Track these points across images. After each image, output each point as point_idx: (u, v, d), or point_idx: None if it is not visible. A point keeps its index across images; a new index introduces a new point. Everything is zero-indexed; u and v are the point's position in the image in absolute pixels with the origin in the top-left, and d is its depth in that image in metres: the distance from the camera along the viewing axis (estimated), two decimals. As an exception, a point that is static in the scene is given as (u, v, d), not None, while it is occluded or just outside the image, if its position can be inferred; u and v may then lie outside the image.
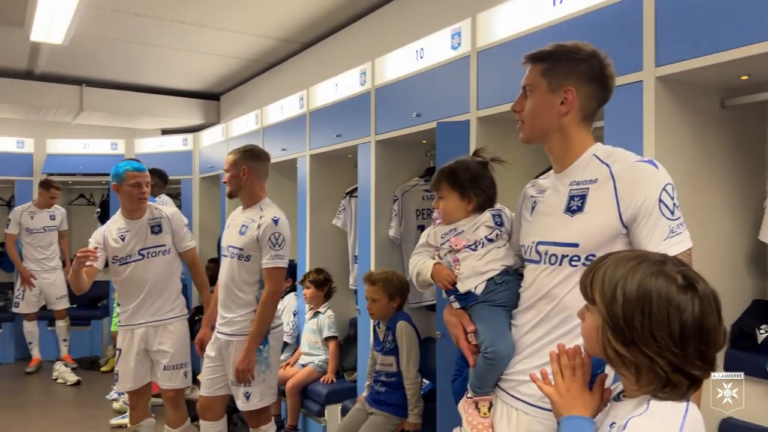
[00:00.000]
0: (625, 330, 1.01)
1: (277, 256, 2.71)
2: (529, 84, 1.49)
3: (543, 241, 1.47)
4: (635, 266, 1.03)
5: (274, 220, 2.74)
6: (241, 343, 2.73)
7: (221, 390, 2.87)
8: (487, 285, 1.60)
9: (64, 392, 5.09)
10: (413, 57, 2.98)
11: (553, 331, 1.44)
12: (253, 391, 2.74)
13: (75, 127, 6.43)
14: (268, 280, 2.72)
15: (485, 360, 1.53)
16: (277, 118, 4.42)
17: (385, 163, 3.31)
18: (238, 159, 2.84)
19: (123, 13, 3.88)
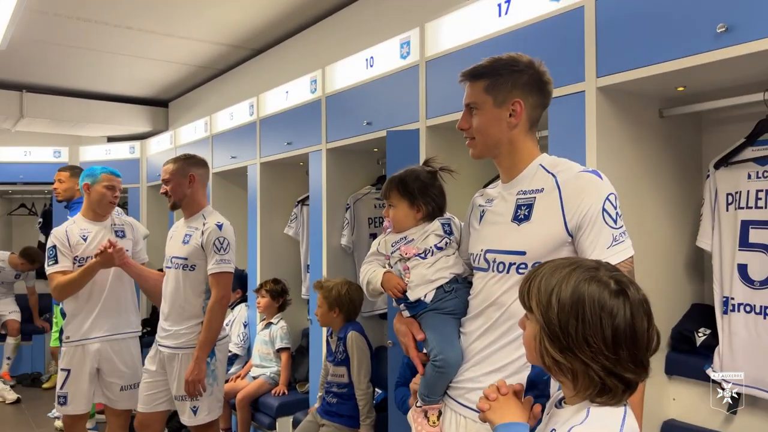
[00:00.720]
0: (561, 336, 1.02)
1: (222, 261, 2.64)
2: (473, 102, 1.49)
3: (491, 249, 1.49)
4: (569, 273, 1.04)
5: (218, 225, 2.68)
6: (187, 355, 2.65)
7: (161, 405, 2.77)
8: (437, 293, 1.60)
9: (2, 411, 4.86)
10: (363, 65, 2.98)
11: (501, 338, 1.46)
12: (200, 405, 2.66)
13: (15, 134, 6.18)
14: (215, 286, 2.64)
15: (434, 368, 1.53)
16: (227, 125, 4.35)
17: (336, 171, 3.30)
18: (183, 166, 2.75)
19: (66, 17, 3.75)
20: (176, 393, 2.68)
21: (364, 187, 3.37)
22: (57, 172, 4.25)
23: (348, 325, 2.88)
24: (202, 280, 2.69)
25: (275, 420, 3.34)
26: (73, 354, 2.86)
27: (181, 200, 2.76)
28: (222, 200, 4.52)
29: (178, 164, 2.76)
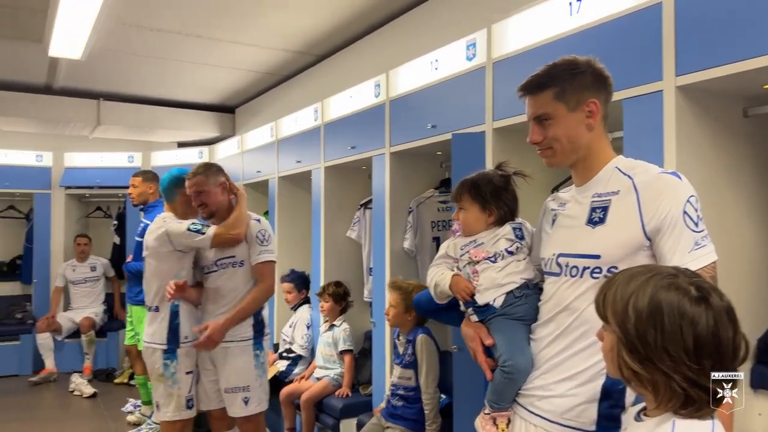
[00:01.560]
0: (639, 347, 0.99)
1: (266, 251, 2.77)
2: (544, 113, 1.46)
3: (564, 253, 1.46)
4: (646, 280, 1.01)
5: (256, 219, 2.82)
6: (239, 348, 2.76)
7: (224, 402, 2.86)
8: (507, 298, 1.59)
9: (80, 404, 5.11)
10: (428, 68, 2.97)
11: (573, 345, 1.43)
12: (251, 396, 2.75)
13: (92, 140, 6.51)
14: (261, 275, 2.76)
15: (503, 374, 1.51)
16: (292, 130, 4.42)
17: (399, 174, 3.30)
18: (212, 175, 2.82)
19: (141, 27, 3.92)
20: (227, 386, 2.77)
21: (427, 190, 3.36)
22: (131, 177, 4.45)
23: (418, 328, 2.88)
24: (248, 275, 2.81)
25: (339, 421, 3.36)
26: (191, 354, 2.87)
27: (217, 208, 2.83)
28: (287, 204, 4.61)
29: (207, 175, 2.82)
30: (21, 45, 4.20)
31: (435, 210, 3.33)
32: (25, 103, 5.39)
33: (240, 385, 2.75)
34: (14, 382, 5.66)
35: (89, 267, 6.10)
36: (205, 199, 2.79)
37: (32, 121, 5.62)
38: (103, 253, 6.50)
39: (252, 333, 2.80)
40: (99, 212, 6.87)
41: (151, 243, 2.83)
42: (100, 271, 6.14)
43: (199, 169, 2.82)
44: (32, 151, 6.29)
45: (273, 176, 4.67)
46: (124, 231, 6.49)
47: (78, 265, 6.08)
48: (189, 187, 2.80)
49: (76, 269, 6.06)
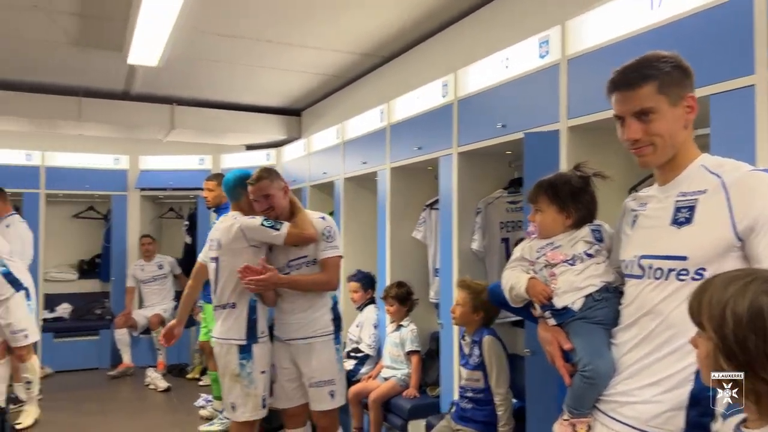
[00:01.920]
0: (738, 354, 0.94)
1: (331, 247, 2.85)
2: (649, 107, 1.38)
3: (647, 255, 1.42)
4: (745, 285, 0.96)
5: (321, 217, 2.89)
6: (321, 342, 2.84)
7: (301, 399, 2.93)
8: (586, 301, 1.55)
9: (154, 398, 5.32)
10: (498, 67, 2.93)
11: (657, 350, 1.38)
12: (336, 389, 2.84)
13: (166, 144, 6.77)
14: (326, 269, 2.83)
15: (583, 379, 1.48)
16: (358, 131, 4.46)
17: (467, 174, 3.27)
18: (275, 180, 2.88)
19: (213, 34, 4.05)
20: (313, 380, 2.82)
21: (496, 190, 3.32)
22: (205, 181, 4.59)
23: (483, 329, 2.85)
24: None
25: (407, 422, 3.36)
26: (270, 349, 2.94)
27: (282, 211, 2.89)
28: (352, 204, 4.65)
29: (271, 179, 2.87)
30: (102, 53, 4.41)
31: (504, 211, 3.28)
32: (104, 109, 5.67)
33: (326, 379, 2.82)
34: (94, 375, 5.96)
35: (156, 266, 6.33)
36: (271, 202, 2.85)
37: (111, 126, 5.90)
38: (175, 253, 6.76)
39: (332, 328, 2.88)
40: (171, 213, 7.14)
41: (224, 240, 2.89)
42: (167, 269, 6.36)
43: (263, 174, 2.88)
44: (110, 155, 6.61)
45: (339, 177, 4.72)
46: (195, 231, 6.74)
47: (145, 265, 6.33)
48: (253, 191, 2.85)
49: (144, 268, 6.31)
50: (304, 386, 2.90)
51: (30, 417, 4.44)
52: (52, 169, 6.31)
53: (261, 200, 2.84)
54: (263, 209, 2.85)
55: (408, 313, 3.73)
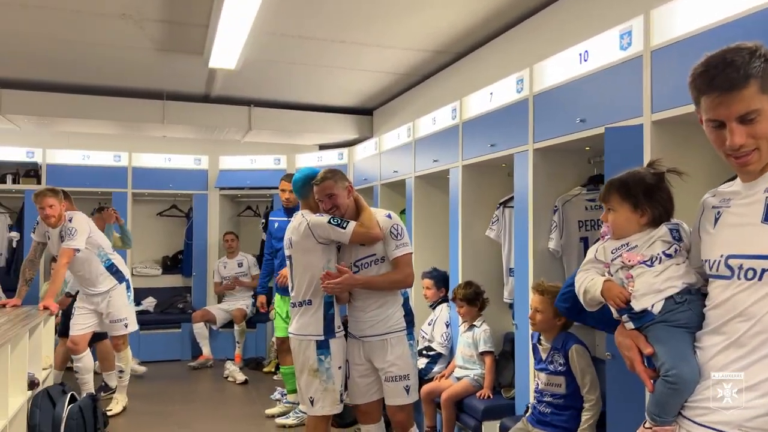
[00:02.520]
0: None
1: (402, 245, 2.88)
2: (754, 109, 1.27)
3: (736, 254, 1.33)
4: None
5: (387, 216, 2.91)
6: (395, 338, 2.86)
7: (375, 395, 2.96)
8: (666, 304, 1.47)
9: (233, 389, 5.51)
10: (576, 60, 2.84)
11: (751, 354, 1.30)
12: (411, 384, 2.85)
13: (243, 144, 6.99)
14: (400, 267, 2.87)
15: (666, 384, 1.41)
16: (429, 130, 4.44)
17: (543, 171, 3.19)
18: (339, 180, 2.92)
19: (289, 36, 4.13)
20: (389, 375, 2.84)
21: (574, 188, 3.22)
22: (281, 181, 4.71)
23: (566, 336, 2.77)
24: (390, 268, 2.90)
25: (481, 423, 3.32)
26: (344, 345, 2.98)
27: (347, 210, 2.93)
28: (423, 203, 4.64)
29: (336, 180, 2.92)
30: (184, 58, 4.60)
31: (582, 209, 3.17)
32: (186, 111, 5.92)
33: (401, 374, 2.85)
34: (176, 367, 6.24)
35: (237, 263, 6.57)
36: (335, 201, 2.89)
37: (192, 127, 6.15)
38: (252, 250, 6.97)
39: (405, 324, 2.90)
40: (248, 211, 7.37)
41: (295, 238, 2.95)
42: (247, 267, 6.58)
43: (328, 174, 2.93)
44: (191, 155, 6.90)
45: (410, 176, 4.72)
46: (270, 229, 6.94)
47: (228, 262, 6.59)
48: (318, 192, 2.90)
49: (227, 265, 6.57)
50: (377, 383, 2.93)
51: (119, 405, 4.70)
52: (138, 169, 6.66)
53: (325, 200, 2.90)
54: (327, 209, 2.90)
55: (480, 313, 3.69)
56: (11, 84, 5.32)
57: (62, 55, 4.60)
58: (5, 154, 6.29)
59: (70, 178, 6.33)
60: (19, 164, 6.38)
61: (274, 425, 4.47)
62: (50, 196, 4.19)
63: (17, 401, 3.22)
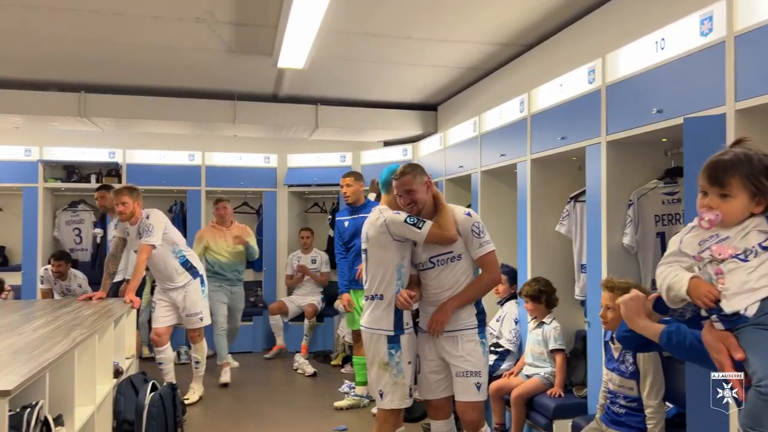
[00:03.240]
0: None
1: (484, 243, 2.86)
2: None
3: None
4: None
5: (466, 213, 2.87)
6: (466, 336, 2.84)
7: (445, 392, 2.95)
8: (762, 305, 1.34)
9: (303, 381, 5.64)
10: (652, 49, 2.74)
11: None
12: (482, 381, 2.84)
13: (310, 142, 7.12)
14: (486, 267, 2.86)
15: (759, 396, 1.28)
16: (496, 123, 4.39)
17: (617, 164, 3.09)
18: (417, 175, 2.91)
19: (356, 34, 4.17)
20: (460, 371, 2.83)
21: (650, 181, 3.11)
22: (342, 177, 4.77)
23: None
24: (468, 265, 2.88)
25: (551, 421, 3.26)
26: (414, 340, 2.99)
27: (425, 206, 2.91)
28: (490, 198, 4.60)
29: (414, 175, 2.90)
30: (254, 59, 4.73)
31: (659, 203, 3.06)
32: (255, 111, 6.07)
33: (472, 370, 2.83)
34: (249, 358, 6.44)
35: (311, 259, 6.71)
36: (413, 197, 2.88)
37: (261, 127, 6.31)
38: (320, 245, 7.09)
39: (476, 322, 2.88)
40: (315, 207, 7.51)
41: (371, 233, 2.97)
42: (319, 263, 6.71)
43: (407, 169, 2.92)
44: (261, 154, 7.09)
45: (476, 171, 4.68)
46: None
47: (302, 257, 6.73)
48: (397, 186, 2.91)
49: (301, 260, 6.71)
50: (448, 379, 2.92)
51: (196, 394, 4.90)
52: (211, 168, 6.91)
53: (404, 195, 2.90)
54: (405, 204, 2.90)
55: (548, 310, 3.61)
56: (95, 88, 5.62)
57: (141, 59, 4.82)
58: (89, 155, 6.66)
59: (148, 176, 6.66)
60: (102, 164, 6.74)
61: (343, 415, 4.57)
62: (125, 194, 4.41)
63: (104, 388, 3.41)
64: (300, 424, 4.47)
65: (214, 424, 4.41)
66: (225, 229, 5.81)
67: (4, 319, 3.42)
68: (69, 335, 2.90)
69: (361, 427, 4.37)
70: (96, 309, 3.86)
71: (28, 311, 3.81)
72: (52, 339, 2.80)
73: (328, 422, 4.46)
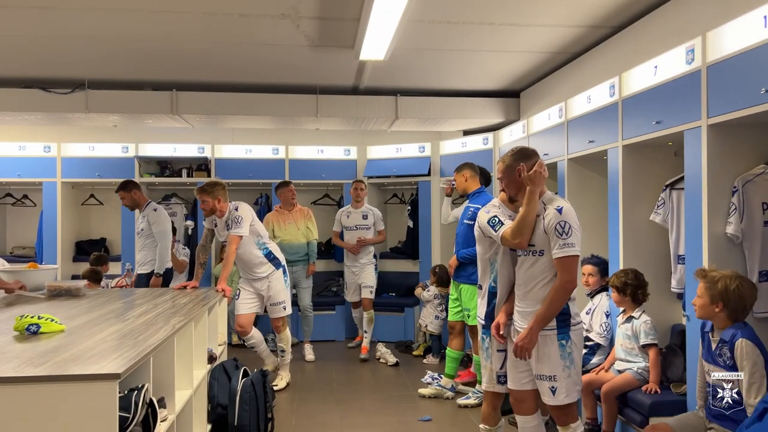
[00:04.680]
0: None
1: (566, 245, 2.68)
2: None
3: None
4: None
5: (557, 209, 2.73)
6: (543, 337, 2.76)
7: (528, 384, 2.89)
8: None
9: (386, 371, 5.69)
10: (759, 24, 2.54)
11: None
12: (558, 386, 2.73)
13: (389, 134, 7.14)
14: (560, 270, 2.70)
15: None
16: (583, 109, 4.23)
17: (719, 149, 2.91)
18: (511, 162, 2.89)
19: (437, 22, 4.12)
20: (535, 372, 2.80)
21: (757, 166, 2.90)
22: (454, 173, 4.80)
23: (736, 328, 2.53)
24: (549, 264, 2.75)
25: (647, 419, 3.13)
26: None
27: (516, 194, 2.91)
28: (577, 186, 4.45)
29: (507, 162, 2.92)
30: (336, 52, 4.78)
31: (767, 189, 2.85)
32: (337, 104, 6.13)
33: (546, 374, 2.76)
34: (332, 347, 6.59)
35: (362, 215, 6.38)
36: (505, 185, 2.94)
37: (342, 119, 6.37)
38: (399, 236, 7.10)
39: (555, 323, 2.74)
40: (395, 198, 7.54)
41: (477, 227, 3.10)
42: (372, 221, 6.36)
43: (507, 154, 2.96)
44: (341, 147, 7.19)
45: (562, 158, 4.54)
46: (416, 216, 7.03)
47: (352, 212, 6.43)
48: (497, 172, 2.97)
49: (350, 215, 6.43)
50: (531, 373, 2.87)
51: (283, 381, 5.06)
52: (294, 161, 7.09)
53: (504, 183, 2.96)
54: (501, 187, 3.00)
55: (638, 303, 3.46)
56: (186, 86, 5.87)
57: (228, 57, 4.98)
58: (180, 151, 6.99)
59: (235, 170, 6.93)
60: (192, 159, 7.06)
61: (427, 405, 4.59)
62: (202, 194, 4.65)
63: (200, 373, 3.56)
64: (384, 412, 4.52)
65: (301, 410, 4.53)
66: (287, 212, 6.10)
67: (108, 306, 3.64)
68: (169, 322, 3.05)
69: (445, 417, 4.38)
70: (191, 297, 4.04)
71: (129, 299, 4.04)
72: (153, 326, 2.96)
73: (412, 412, 4.48)
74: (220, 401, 3.81)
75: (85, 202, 7.26)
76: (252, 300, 4.91)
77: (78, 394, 2.02)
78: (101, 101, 5.78)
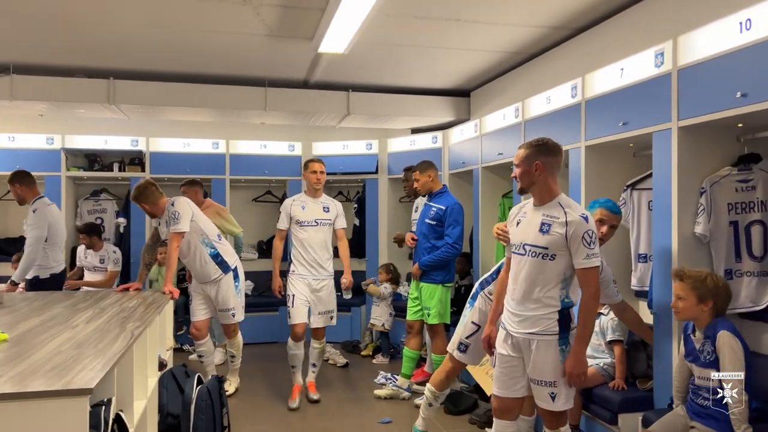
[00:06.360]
0: None
1: (592, 255, 2.58)
2: None
3: None
4: None
5: (583, 217, 2.62)
6: (544, 342, 2.65)
7: (519, 392, 2.80)
8: None
9: (335, 372, 5.56)
10: (735, 30, 2.63)
11: None
12: (558, 393, 2.66)
13: (335, 130, 6.99)
14: (586, 281, 2.61)
15: None
16: (542, 109, 4.27)
17: (688, 151, 2.99)
18: (531, 154, 2.72)
19: (404, 17, 4.02)
20: (533, 377, 2.71)
21: (723, 168, 3.00)
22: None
23: (717, 321, 2.60)
24: (561, 270, 2.64)
25: (616, 415, 3.18)
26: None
27: (528, 186, 2.76)
28: (534, 186, 4.48)
29: (527, 151, 2.75)
30: (293, 43, 4.58)
31: (732, 190, 2.96)
32: (284, 97, 5.88)
33: (546, 380, 2.66)
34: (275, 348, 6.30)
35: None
36: (519, 174, 2.76)
37: (288, 114, 6.11)
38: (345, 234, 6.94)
39: (557, 328, 2.64)
40: (340, 196, 7.38)
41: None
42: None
43: (527, 145, 2.78)
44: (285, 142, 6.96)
45: (519, 158, 4.56)
46: (363, 214, 6.93)
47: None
48: (515, 158, 2.80)
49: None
50: (523, 379, 2.77)
51: (232, 386, 4.84)
52: (235, 156, 6.81)
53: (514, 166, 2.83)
54: (513, 176, 2.84)
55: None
56: (124, 74, 5.49)
57: (177, 45, 4.67)
58: (112, 143, 6.54)
59: (171, 165, 6.57)
60: (125, 152, 6.63)
61: (384, 407, 4.53)
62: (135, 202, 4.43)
63: (152, 382, 3.33)
64: (341, 414, 4.39)
65: (254, 415, 4.34)
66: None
67: (48, 312, 3.32)
68: (125, 328, 2.81)
69: (404, 418, 4.31)
70: (139, 300, 3.76)
71: (69, 303, 3.71)
72: (109, 332, 2.71)
73: (369, 414, 4.39)
74: (170, 410, 3.56)
75: (4, 197, 6.66)
76: (204, 304, 4.63)
77: (43, 413, 1.80)
78: (28, 88, 5.31)
